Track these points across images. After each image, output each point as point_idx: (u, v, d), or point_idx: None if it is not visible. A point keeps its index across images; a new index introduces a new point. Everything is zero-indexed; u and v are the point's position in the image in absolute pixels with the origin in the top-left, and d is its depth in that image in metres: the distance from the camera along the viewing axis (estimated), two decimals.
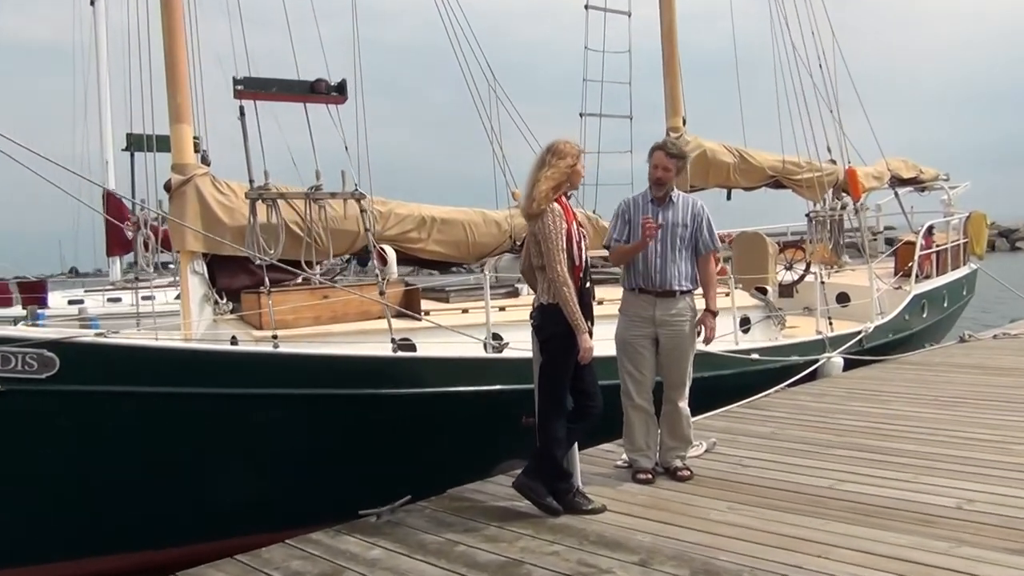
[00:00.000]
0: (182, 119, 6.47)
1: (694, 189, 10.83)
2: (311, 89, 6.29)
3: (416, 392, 5.92)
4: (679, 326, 5.17)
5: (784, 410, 7.11)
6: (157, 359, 5.40)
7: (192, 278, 6.53)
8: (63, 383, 5.18)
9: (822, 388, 8.08)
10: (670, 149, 5.21)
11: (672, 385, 5.28)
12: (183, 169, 6.49)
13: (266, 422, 5.58)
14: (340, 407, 5.72)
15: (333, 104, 6.38)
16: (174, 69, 6.41)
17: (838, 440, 5.99)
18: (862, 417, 6.69)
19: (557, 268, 4.46)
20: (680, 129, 10.48)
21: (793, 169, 11.64)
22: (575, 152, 4.64)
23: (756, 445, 5.96)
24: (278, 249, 6.26)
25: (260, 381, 5.52)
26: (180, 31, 6.46)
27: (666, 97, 10.53)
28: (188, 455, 5.48)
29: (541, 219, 4.51)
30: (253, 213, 6.15)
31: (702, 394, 7.51)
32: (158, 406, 5.36)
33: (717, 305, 5.34)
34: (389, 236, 7.62)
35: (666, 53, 10.47)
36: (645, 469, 5.28)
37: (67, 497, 5.28)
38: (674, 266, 5.16)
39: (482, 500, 4.99)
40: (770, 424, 6.61)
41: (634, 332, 5.22)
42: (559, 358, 4.55)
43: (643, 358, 5.21)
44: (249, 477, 5.58)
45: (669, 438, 5.37)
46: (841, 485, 4.93)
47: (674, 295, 5.17)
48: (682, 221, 5.19)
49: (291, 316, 6.42)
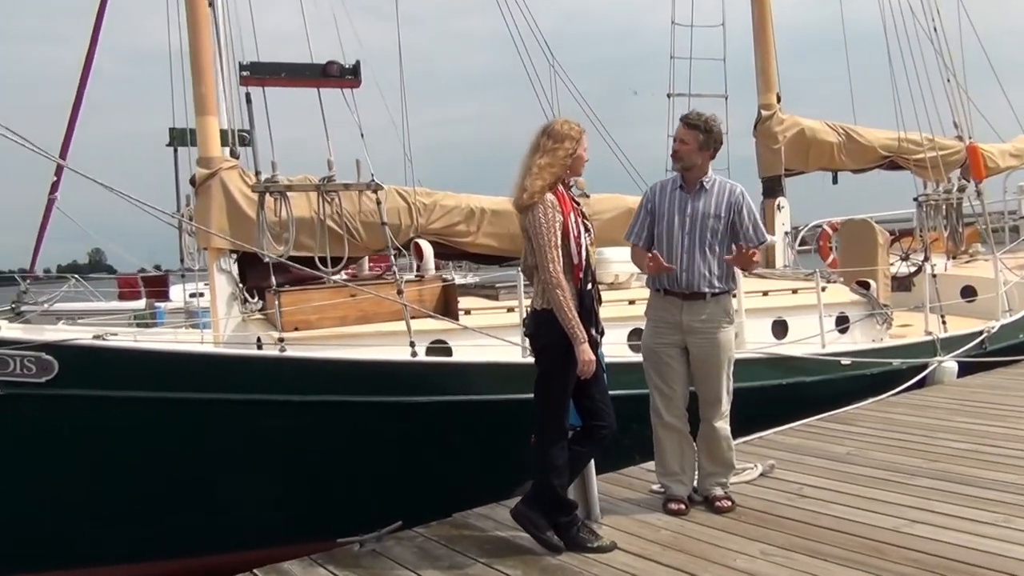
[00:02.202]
0: (207, 111, 6.21)
1: (791, 173, 9.83)
2: (323, 73, 5.88)
3: (433, 400, 5.41)
4: (710, 334, 4.41)
5: (871, 425, 6.16)
6: (155, 363, 5.13)
7: (219, 276, 6.26)
8: (62, 387, 4.99)
9: (926, 398, 7.01)
10: (690, 119, 4.43)
11: (706, 402, 4.52)
12: (208, 163, 6.23)
13: (269, 429, 5.21)
14: (347, 415, 5.29)
15: (347, 88, 5.95)
16: (198, 60, 6.14)
17: (926, 466, 5.04)
18: (966, 437, 5.67)
19: (549, 268, 3.82)
20: (773, 107, 9.49)
21: (911, 148, 10.34)
22: (576, 134, 3.97)
23: (823, 469, 5.10)
24: (289, 245, 5.89)
25: (261, 386, 5.16)
26: (204, 21, 6.19)
27: (757, 71, 9.56)
28: (189, 463, 5.18)
29: (532, 211, 3.88)
30: (260, 207, 5.80)
31: (778, 404, 6.71)
32: (156, 411, 5.09)
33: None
34: (434, 229, 7.15)
35: (757, 22, 9.48)
36: (678, 498, 4.55)
37: (64, 503, 5.09)
38: (703, 264, 4.39)
39: (484, 528, 4.41)
40: (849, 443, 5.70)
41: (660, 340, 4.50)
42: (556, 371, 3.90)
43: (671, 369, 4.49)
44: (251, 487, 5.24)
45: (708, 462, 4.62)
46: (910, 527, 4.05)
47: (703, 298, 4.41)
48: (714, 211, 4.41)
49: (314, 316, 6.04)
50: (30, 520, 5.07)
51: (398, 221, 6.96)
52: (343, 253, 6.55)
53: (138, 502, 5.16)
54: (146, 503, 5.17)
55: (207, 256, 6.33)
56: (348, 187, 5.96)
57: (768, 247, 9.64)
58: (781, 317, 7.76)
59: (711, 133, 4.41)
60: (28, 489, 5.07)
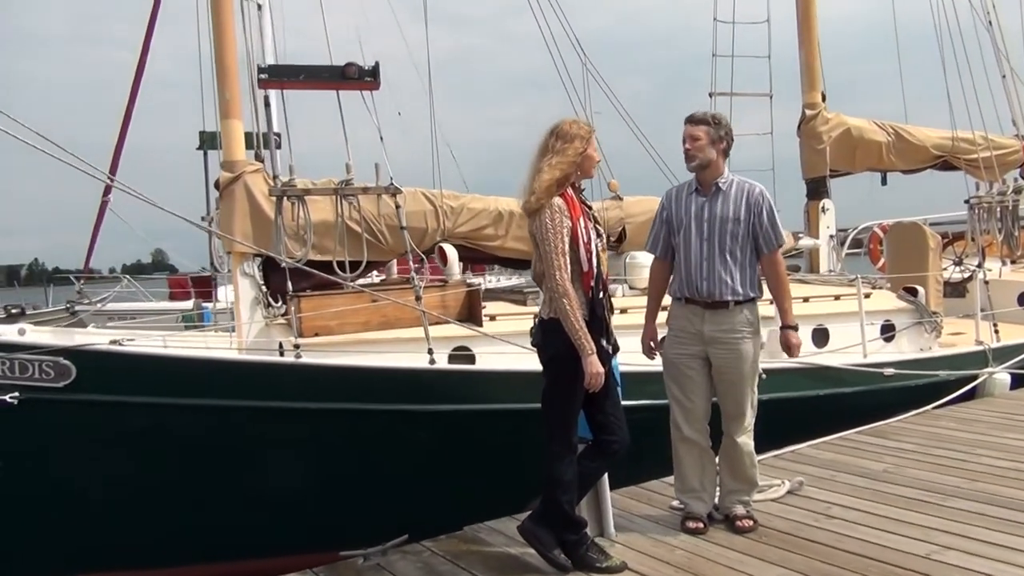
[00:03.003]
0: (232, 114, 6.18)
1: (836, 174, 9.49)
2: (342, 75, 5.80)
3: (449, 409, 5.30)
4: (733, 345, 4.20)
5: (913, 440, 5.86)
6: (170, 368, 5.11)
7: (243, 280, 6.23)
8: (80, 392, 5.00)
9: (975, 412, 6.66)
10: (695, 116, 4.23)
11: (729, 416, 4.32)
12: (232, 166, 6.20)
13: (283, 437, 5.16)
14: (363, 423, 5.20)
15: (366, 90, 5.86)
16: (223, 63, 6.12)
17: (966, 487, 4.76)
18: (1010, 455, 5.35)
19: (556, 276, 3.67)
20: (819, 105, 9.15)
21: (966, 147, 9.90)
22: (585, 133, 3.80)
23: (855, 488, 4.85)
24: (307, 249, 5.83)
25: (275, 393, 5.11)
26: (229, 24, 6.16)
27: (802, 69, 9.23)
28: (204, 470, 5.15)
29: (538, 216, 3.73)
30: (278, 211, 5.75)
31: (815, 416, 6.44)
32: (172, 417, 5.07)
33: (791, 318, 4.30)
34: (461, 233, 7.03)
35: (802, 17, 9.17)
36: (697, 516, 4.36)
37: (82, 508, 5.10)
38: (724, 270, 4.19)
39: (493, 544, 4.27)
40: (888, 459, 5.43)
41: (680, 351, 4.31)
42: (563, 384, 3.75)
43: (692, 382, 4.29)
44: (267, 495, 5.19)
45: (729, 479, 4.41)
46: (941, 554, 3.80)
47: (726, 306, 4.20)
48: (733, 214, 4.20)
49: (335, 322, 5.97)
50: (47, 525, 5.09)
51: (424, 225, 6.86)
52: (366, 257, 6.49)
53: (151, 508, 5.14)
54: (158, 509, 5.15)
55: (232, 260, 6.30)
56: (367, 191, 5.87)
57: (812, 250, 9.33)
58: (822, 324, 7.47)
59: (720, 124, 4.22)
60: (46, 494, 5.08)
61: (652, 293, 4.50)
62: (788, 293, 4.31)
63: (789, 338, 4.23)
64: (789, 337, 4.24)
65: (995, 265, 9.41)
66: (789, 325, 4.27)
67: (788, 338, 4.23)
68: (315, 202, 6.22)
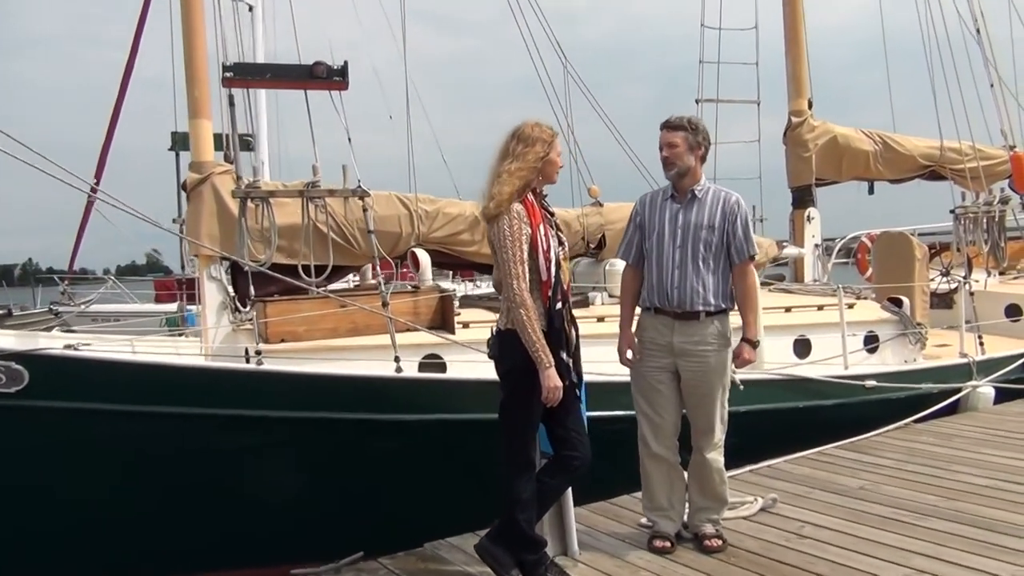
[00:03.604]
0: (200, 114, 6.02)
1: (823, 183, 9.38)
2: (310, 74, 5.65)
3: (413, 419, 5.15)
4: (703, 357, 4.06)
5: (892, 455, 5.73)
6: (125, 374, 4.94)
7: (209, 284, 6.07)
8: (32, 398, 4.82)
9: (956, 427, 6.54)
10: (671, 121, 4.09)
11: (699, 431, 4.18)
12: (200, 167, 6.04)
13: (245, 446, 5.00)
14: (323, 433, 5.05)
15: (335, 90, 5.72)
16: (192, 62, 5.96)
17: (943, 505, 4.62)
18: (989, 471, 5.22)
19: (513, 285, 3.53)
20: (805, 113, 9.05)
21: (954, 157, 9.79)
22: (547, 136, 3.66)
23: (829, 506, 4.71)
24: (270, 253, 5.67)
25: (232, 401, 4.95)
26: (198, 22, 6.01)
27: (788, 76, 9.12)
28: (157, 479, 4.99)
29: (497, 222, 3.59)
30: (242, 213, 5.59)
31: (794, 429, 6.30)
32: (127, 424, 4.90)
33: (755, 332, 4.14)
34: (437, 238, 6.88)
35: (788, 24, 9.06)
36: (664, 534, 4.22)
37: (33, 517, 4.93)
38: (697, 279, 4.05)
39: (452, 561, 4.12)
40: (865, 475, 5.29)
41: (649, 364, 4.16)
42: (520, 398, 3.60)
43: (661, 396, 4.15)
44: (226, 507, 5.02)
45: (698, 496, 4.27)
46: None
47: (697, 317, 4.06)
48: (707, 222, 4.06)
49: (302, 328, 5.81)
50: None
51: (398, 229, 6.71)
52: (337, 262, 6.35)
53: (105, 517, 4.98)
54: (110, 520, 4.98)
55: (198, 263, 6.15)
56: (333, 193, 5.72)
57: (797, 260, 9.21)
58: (804, 335, 7.33)
59: (698, 130, 4.08)
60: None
61: (626, 300, 4.34)
62: (755, 307, 4.17)
63: (743, 351, 4.08)
64: (743, 350, 4.08)
65: (981, 276, 9.29)
66: (750, 340, 4.11)
67: (742, 350, 4.08)
68: (285, 205, 6.08)
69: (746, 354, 4.07)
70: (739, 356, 4.07)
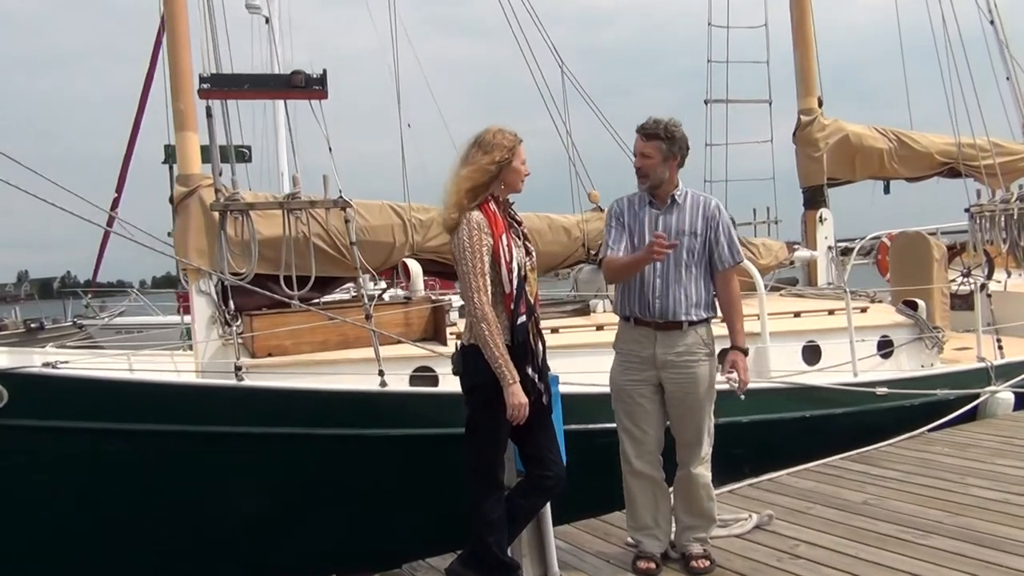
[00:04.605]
0: (186, 126, 5.94)
1: (836, 183, 9.10)
2: (288, 84, 5.54)
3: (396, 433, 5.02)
4: (687, 368, 3.88)
5: (900, 467, 5.48)
6: (104, 392, 4.86)
7: (198, 298, 5.98)
8: (11, 416, 4.76)
9: (972, 435, 6.26)
10: (646, 128, 3.90)
11: (684, 445, 4.00)
12: (187, 180, 5.96)
13: (220, 464, 4.89)
14: (305, 449, 4.94)
15: (314, 99, 5.61)
16: (176, 73, 5.89)
17: (947, 522, 4.39)
18: (1004, 484, 4.97)
19: (474, 298, 3.38)
20: (815, 111, 8.76)
21: (973, 153, 9.45)
22: (509, 143, 3.50)
23: (828, 523, 4.49)
24: (252, 266, 5.57)
25: (210, 418, 4.85)
26: (183, 33, 5.94)
27: (797, 73, 8.86)
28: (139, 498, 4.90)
29: (456, 233, 3.44)
30: (221, 226, 5.50)
31: (801, 440, 6.07)
32: (108, 443, 4.82)
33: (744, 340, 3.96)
34: (431, 247, 6.73)
35: (796, 20, 8.81)
36: (649, 555, 4.04)
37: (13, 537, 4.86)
38: (679, 288, 3.87)
39: None
40: (870, 488, 5.06)
41: (631, 376, 3.99)
42: (485, 416, 3.45)
43: (643, 410, 3.97)
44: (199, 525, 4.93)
45: (684, 514, 4.09)
46: None
47: (680, 327, 3.88)
48: (689, 228, 3.88)
49: (289, 341, 5.70)
50: None
51: (392, 239, 6.57)
52: (330, 273, 6.24)
53: (86, 537, 4.90)
54: (92, 539, 4.90)
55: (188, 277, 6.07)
56: (314, 204, 5.60)
57: (810, 263, 8.95)
58: (813, 341, 7.09)
59: (674, 140, 3.88)
60: None
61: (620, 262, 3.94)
62: (740, 314, 3.97)
63: (737, 359, 3.89)
64: (737, 358, 3.89)
65: (1001, 276, 8.97)
66: (740, 347, 3.92)
67: (736, 359, 3.89)
68: (274, 216, 5.97)
69: (741, 363, 3.87)
70: (735, 366, 3.87)
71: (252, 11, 19.32)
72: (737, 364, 3.92)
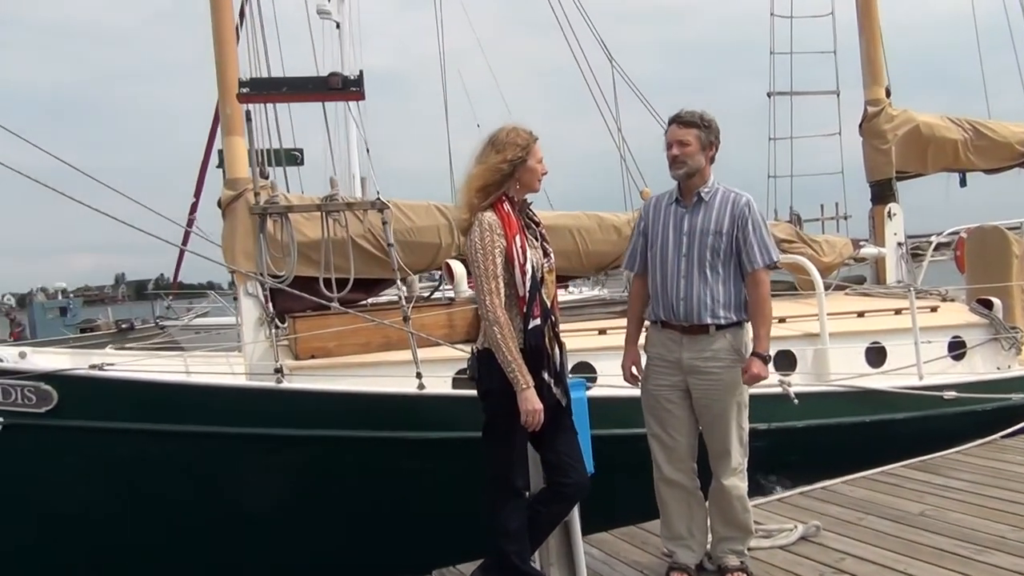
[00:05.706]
0: (234, 131, 6.03)
1: (906, 176, 8.67)
2: (326, 86, 5.55)
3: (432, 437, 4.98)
4: (714, 375, 3.71)
5: (966, 476, 5.17)
6: (150, 393, 4.96)
7: (246, 300, 6.06)
8: (61, 418, 4.91)
9: None
10: (683, 117, 3.74)
11: (714, 454, 3.82)
12: (235, 184, 6.04)
13: (266, 465, 4.94)
14: (344, 451, 4.94)
15: (351, 100, 5.60)
16: (223, 79, 5.97)
17: (1011, 536, 4.10)
18: None
19: (487, 301, 3.29)
20: (882, 101, 8.36)
21: None
22: (523, 142, 3.39)
23: (879, 535, 4.25)
24: (291, 269, 5.59)
25: (253, 420, 4.90)
26: (230, 37, 6.02)
27: (863, 62, 8.47)
28: (184, 498, 4.98)
29: (468, 234, 3.36)
30: (261, 229, 5.54)
31: (862, 447, 5.78)
32: (154, 444, 4.92)
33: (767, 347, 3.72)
34: None
35: (861, 7, 8.43)
36: (683, 566, 3.89)
37: (64, 536, 5.00)
38: (704, 289, 3.70)
39: None
40: (930, 499, 4.78)
41: (659, 381, 3.84)
42: (501, 422, 3.36)
43: (673, 416, 3.82)
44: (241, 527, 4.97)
45: (720, 525, 3.92)
46: None
47: (706, 331, 3.71)
48: (715, 227, 3.70)
49: (332, 343, 5.72)
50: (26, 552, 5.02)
51: (438, 239, 6.54)
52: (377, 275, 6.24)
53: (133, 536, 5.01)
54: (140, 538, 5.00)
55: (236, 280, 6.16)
56: (351, 206, 5.59)
57: (877, 260, 8.55)
58: (878, 342, 6.76)
59: (711, 128, 3.73)
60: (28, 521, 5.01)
61: (632, 312, 4.04)
62: (768, 319, 3.74)
63: (752, 365, 3.66)
64: (752, 364, 3.66)
65: None
66: (761, 354, 3.70)
67: (751, 365, 3.66)
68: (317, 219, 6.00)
69: (755, 368, 3.66)
70: (747, 371, 3.66)
71: (323, 16, 19.66)
72: (748, 370, 3.70)
